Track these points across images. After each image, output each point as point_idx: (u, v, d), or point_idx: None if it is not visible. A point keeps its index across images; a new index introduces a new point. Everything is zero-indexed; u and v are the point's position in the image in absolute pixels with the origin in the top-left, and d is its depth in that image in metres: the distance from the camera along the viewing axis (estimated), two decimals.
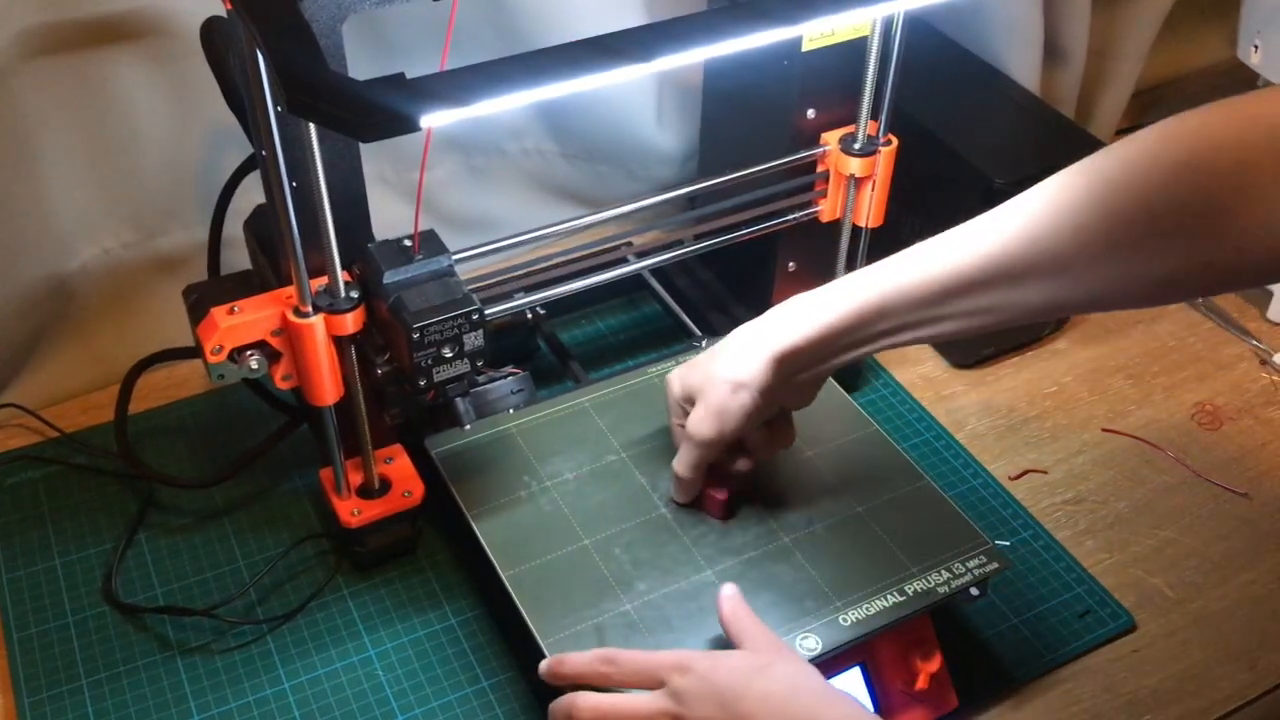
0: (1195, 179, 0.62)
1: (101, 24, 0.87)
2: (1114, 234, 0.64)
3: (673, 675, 0.66)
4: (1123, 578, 0.88)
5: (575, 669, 0.69)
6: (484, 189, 1.11)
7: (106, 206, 0.95)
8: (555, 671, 0.69)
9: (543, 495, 0.82)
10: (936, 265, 0.69)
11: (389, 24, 0.96)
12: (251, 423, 0.94)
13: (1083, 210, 0.64)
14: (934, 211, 1.01)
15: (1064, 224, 0.65)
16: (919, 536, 0.79)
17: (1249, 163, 0.60)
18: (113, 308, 0.99)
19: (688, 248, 0.91)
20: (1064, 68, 1.19)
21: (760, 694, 0.64)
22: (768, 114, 0.91)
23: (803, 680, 0.65)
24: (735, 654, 0.68)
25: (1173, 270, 0.63)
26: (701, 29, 0.60)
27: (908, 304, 0.70)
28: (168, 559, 0.87)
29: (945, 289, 0.69)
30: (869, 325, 0.72)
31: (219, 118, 0.83)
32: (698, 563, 0.77)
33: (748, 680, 0.65)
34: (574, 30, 0.65)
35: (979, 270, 0.68)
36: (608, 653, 0.69)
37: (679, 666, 0.66)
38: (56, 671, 0.80)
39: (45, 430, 0.96)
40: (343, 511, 0.83)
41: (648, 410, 0.88)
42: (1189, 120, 0.63)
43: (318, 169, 0.66)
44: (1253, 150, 0.60)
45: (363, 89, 0.53)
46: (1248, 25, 1.17)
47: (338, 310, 0.73)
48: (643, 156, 1.12)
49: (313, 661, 0.81)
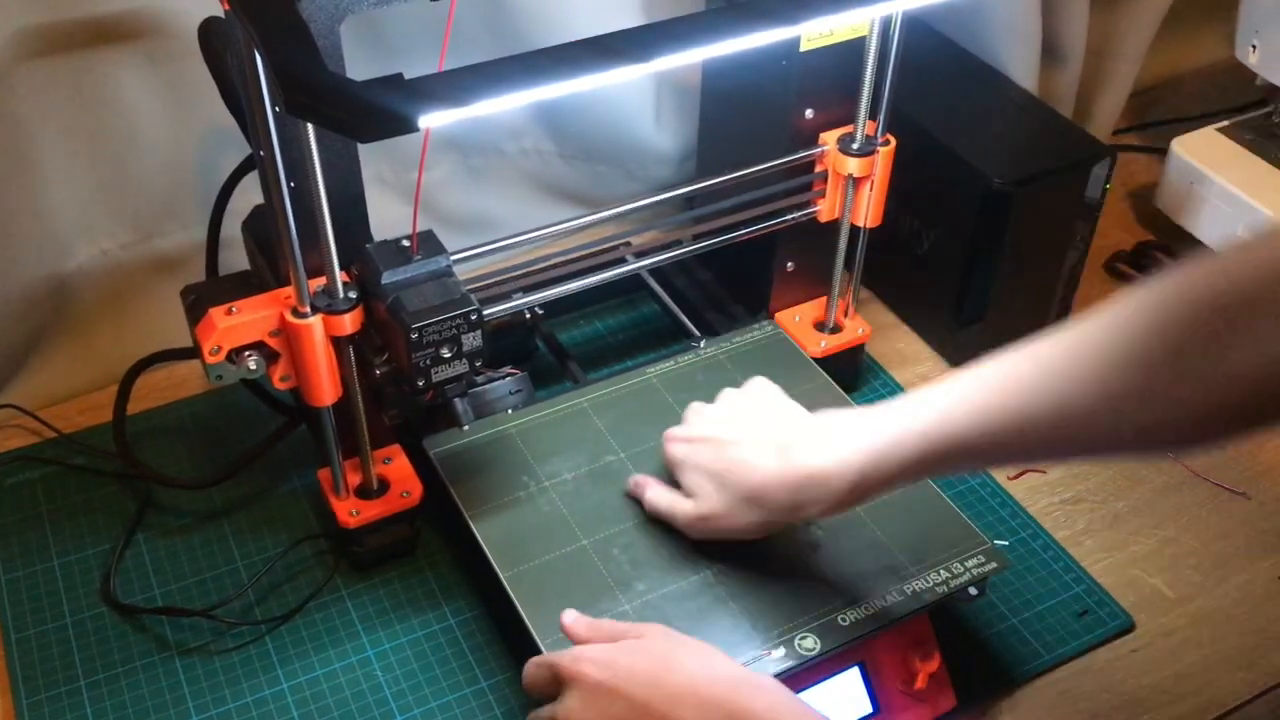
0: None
1: (99, 24, 0.87)
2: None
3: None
4: (1121, 577, 0.88)
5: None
6: (482, 189, 1.11)
7: (104, 207, 0.95)
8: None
9: (541, 495, 0.82)
10: (957, 427, 0.67)
11: (387, 24, 0.96)
12: (250, 423, 0.94)
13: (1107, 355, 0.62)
14: (932, 211, 1.02)
15: (1087, 372, 0.62)
16: (917, 536, 0.79)
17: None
18: (111, 308, 0.99)
19: (686, 248, 0.91)
20: (1062, 67, 1.19)
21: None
22: (766, 114, 0.91)
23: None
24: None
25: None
26: (700, 29, 0.60)
27: (959, 459, 0.69)
28: (166, 560, 0.87)
29: (962, 453, 0.68)
30: (901, 481, 0.71)
31: (217, 118, 0.83)
32: (696, 563, 0.77)
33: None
34: (572, 30, 0.65)
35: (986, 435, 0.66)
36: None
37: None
38: (55, 672, 0.80)
39: (43, 431, 0.96)
40: (341, 512, 0.82)
41: (646, 410, 0.88)
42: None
43: (316, 169, 0.66)
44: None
45: (361, 89, 0.53)
46: (1246, 25, 1.17)
47: (336, 311, 0.72)
48: (641, 156, 1.12)
49: (311, 662, 0.81)
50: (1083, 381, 0.62)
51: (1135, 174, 1.28)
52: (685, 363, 0.93)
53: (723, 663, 0.66)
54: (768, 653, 0.72)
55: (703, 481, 0.76)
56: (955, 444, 0.67)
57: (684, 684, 0.64)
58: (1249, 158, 1.15)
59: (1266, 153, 1.15)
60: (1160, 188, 1.18)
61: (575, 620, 0.71)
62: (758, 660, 0.72)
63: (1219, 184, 1.12)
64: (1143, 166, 1.29)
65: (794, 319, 0.98)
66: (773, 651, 0.72)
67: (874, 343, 1.03)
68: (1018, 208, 0.95)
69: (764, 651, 0.72)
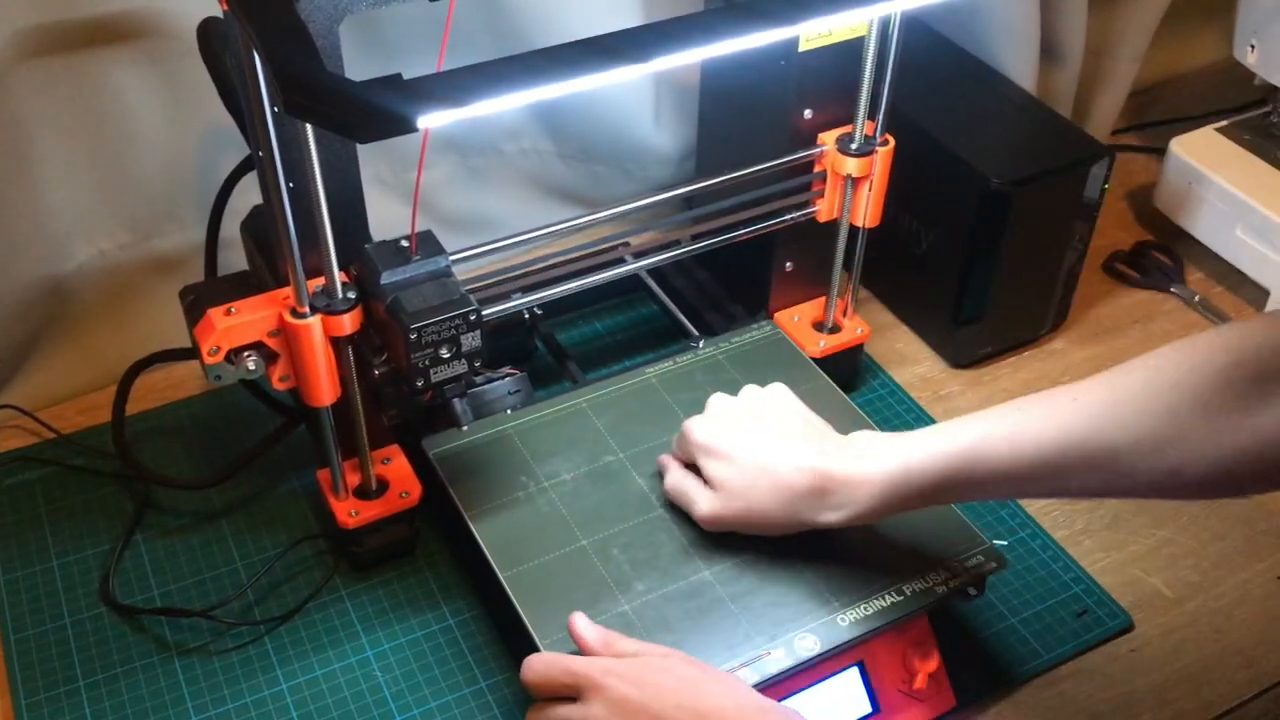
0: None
1: (98, 25, 0.87)
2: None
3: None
4: (1120, 577, 0.88)
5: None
6: (481, 189, 1.11)
7: (103, 208, 0.95)
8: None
9: (540, 496, 0.82)
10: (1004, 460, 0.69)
11: (386, 25, 0.96)
12: (249, 424, 0.94)
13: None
14: (931, 211, 1.02)
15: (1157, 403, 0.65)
16: (916, 536, 0.79)
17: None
18: (110, 309, 0.99)
19: (685, 248, 0.91)
20: (1061, 67, 1.19)
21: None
22: (765, 114, 0.91)
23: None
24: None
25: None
26: (698, 29, 0.60)
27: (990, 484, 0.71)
28: (165, 560, 0.87)
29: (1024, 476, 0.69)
30: (928, 499, 0.72)
31: (216, 119, 0.83)
32: (695, 563, 0.77)
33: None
34: (571, 30, 0.65)
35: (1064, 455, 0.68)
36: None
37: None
38: (54, 673, 0.80)
39: (42, 431, 0.96)
40: (340, 512, 0.82)
41: (645, 410, 0.88)
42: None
43: (315, 170, 0.66)
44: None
45: (359, 90, 0.53)
46: (1244, 25, 1.17)
47: (335, 311, 0.72)
48: (640, 157, 1.12)
49: (310, 663, 0.81)
50: (1117, 423, 0.66)
51: (1134, 174, 1.28)
52: (684, 363, 0.93)
53: (748, 692, 0.67)
54: (767, 653, 0.72)
55: (729, 472, 0.76)
56: (987, 467, 0.69)
57: (712, 708, 0.64)
58: (1248, 157, 1.15)
59: (1265, 152, 1.15)
60: (1159, 188, 1.19)
61: (586, 628, 0.70)
62: (757, 660, 0.72)
63: (1218, 184, 1.12)
64: (1141, 166, 1.29)
65: (793, 319, 0.98)
66: (772, 651, 0.72)
67: (873, 343, 1.03)
68: (1016, 207, 0.95)
69: (763, 652, 0.72)
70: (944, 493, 0.71)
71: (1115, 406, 0.66)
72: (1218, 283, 1.16)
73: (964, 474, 0.70)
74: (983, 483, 0.70)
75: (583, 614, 0.71)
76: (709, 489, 0.77)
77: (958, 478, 0.70)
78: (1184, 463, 0.64)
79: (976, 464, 0.69)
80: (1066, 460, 0.67)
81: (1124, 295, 1.14)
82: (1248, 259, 1.12)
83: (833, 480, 0.72)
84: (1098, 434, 0.66)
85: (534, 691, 0.69)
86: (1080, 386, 0.69)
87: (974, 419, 0.71)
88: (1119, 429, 0.65)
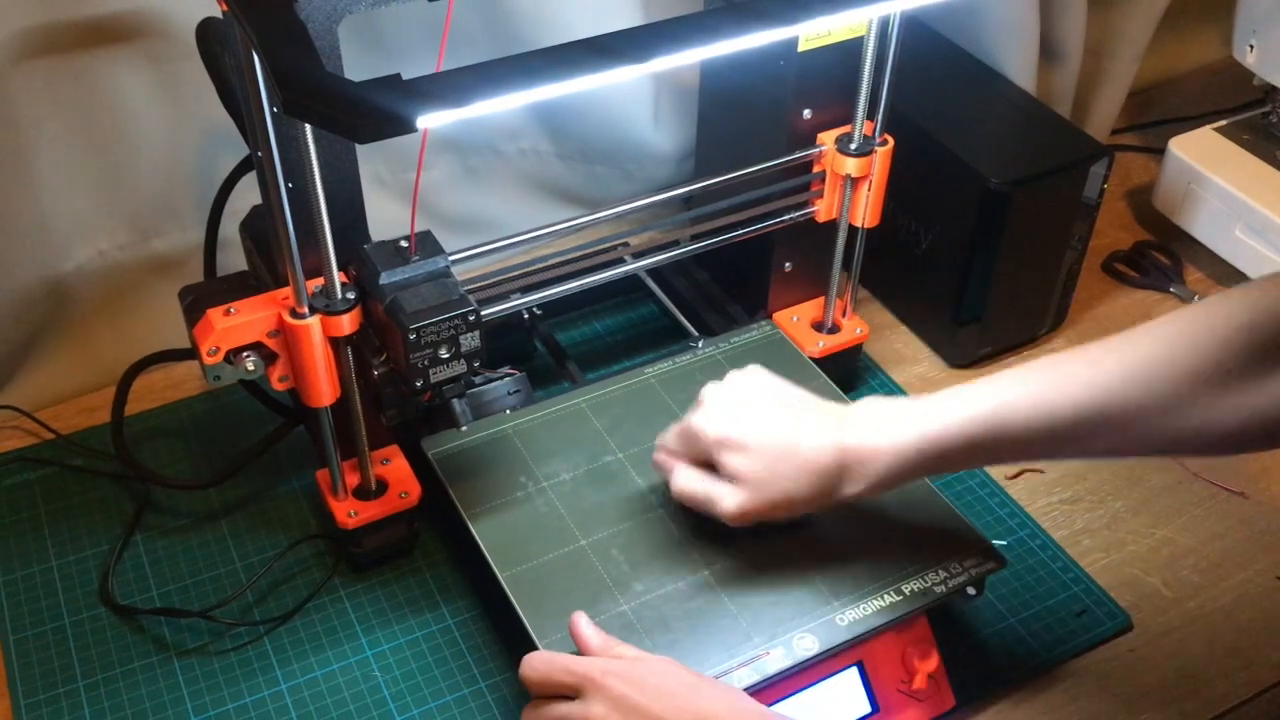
0: None
1: (97, 25, 0.87)
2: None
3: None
4: (1120, 577, 0.88)
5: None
6: (480, 190, 1.11)
7: (102, 208, 0.95)
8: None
9: (539, 496, 0.82)
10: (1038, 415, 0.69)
11: (385, 25, 0.96)
12: (248, 424, 0.94)
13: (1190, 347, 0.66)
14: (930, 211, 1.02)
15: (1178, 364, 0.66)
16: (916, 536, 0.79)
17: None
18: (109, 309, 0.99)
19: (684, 248, 0.91)
20: (1060, 67, 1.19)
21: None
22: (764, 114, 0.91)
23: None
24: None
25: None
26: (698, 30, 0.60)
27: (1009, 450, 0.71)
28: (164, 560, 0.87)
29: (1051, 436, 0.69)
30: (946, 466, 0.72)
31: (215, 119, 0.83)
32: (695, 563, 0.77)
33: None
34: (570, 31, 0.65)
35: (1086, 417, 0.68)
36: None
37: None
38: (53, 674, 0.80)
39: (41, 432, 0.96)
40: (339, 513, 0.82)
41: (645, 411, 0.88)
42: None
43: (314, 170, 0.66)
44: None
45: (358, 90, 0.53)
46: (1243, 25, 1.17)
47: (334, 311, 0.72)
48: (639, 157, 1.12)
49: (310, 663, 0.81)
50: (1132, 383, 0.66)
51: (1133, 174, 1.28)
52: (683, 363, 0.93)
53: (746, 699, 0.67)
54: (766, 653, 0.72)
55: (749, 463, 0.73)
56: (1005, 431, 0.69)
57: (710, 711, 0.64)
58: (1246, 157, 1.15)
59: (1264, 152, 1.15)
60: (1158, 187, 1.19)
61: (588, 629, 0.70)
62: (756, 660, 0.72)
63: (1217, 184, 1.12)
64: (1140, 166, 1.29)
65: (792, 319, 0.98)
66: (771, 651, 0.72)
67: (872, 343, 1.03)
68: (1016, 207, 0.95)
69: (763, 651, 0.72)
70: (963, 460, 0.71)
71: (1136, 368, 0.66)
72: (1217, 282, 1.16)
73: (984, 442, 0.70)
74: (1001, 449, 0.70)
75: (584, 614, 0.71)
76: (730, 484, 0.74)
77: (975, 445, 0.70)
78: (1208, 422, 0.65)
79: (997, 431, 0.69)
80: (1090, 424, 0.67)
81: (1123, 295, 1.14)
82: (1247, 259, 1.12)
83: (853, 454, 0.72)
84: (1121, 397, 0.66)
85: (533, 689, 0.69)
86: (1096, 349, 0.68)
87: (990, 383, 0.70)
88: (1142, 390, 0.66)
